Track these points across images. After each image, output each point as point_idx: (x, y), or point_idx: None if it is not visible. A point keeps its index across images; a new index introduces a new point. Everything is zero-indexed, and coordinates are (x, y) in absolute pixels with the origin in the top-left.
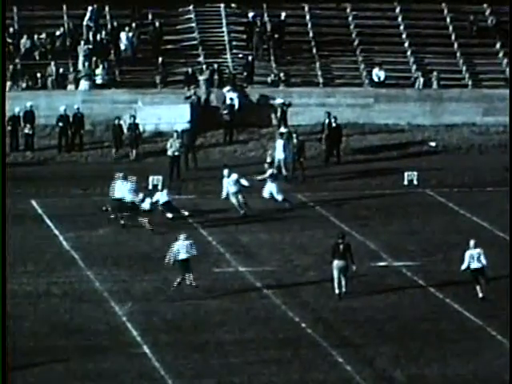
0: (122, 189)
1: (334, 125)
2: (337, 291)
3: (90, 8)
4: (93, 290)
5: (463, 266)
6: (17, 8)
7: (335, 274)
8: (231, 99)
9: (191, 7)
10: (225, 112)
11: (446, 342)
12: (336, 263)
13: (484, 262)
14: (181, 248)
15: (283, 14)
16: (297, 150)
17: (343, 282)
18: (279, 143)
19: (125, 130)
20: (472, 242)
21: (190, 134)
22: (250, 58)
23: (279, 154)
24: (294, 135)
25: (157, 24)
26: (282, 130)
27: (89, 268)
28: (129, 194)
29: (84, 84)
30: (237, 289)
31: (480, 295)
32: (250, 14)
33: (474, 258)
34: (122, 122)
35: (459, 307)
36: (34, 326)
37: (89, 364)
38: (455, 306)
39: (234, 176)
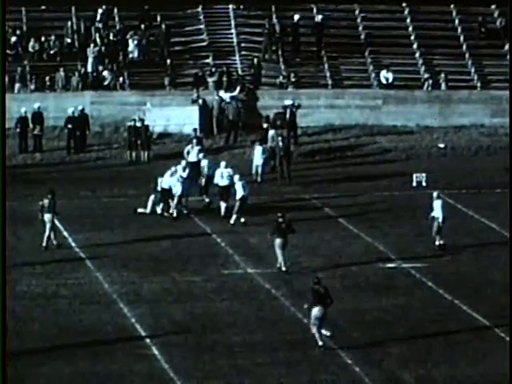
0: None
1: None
2: (280, 265)
3: (100, 10)
4: (102, 292)
5: (433, 215)
6: (25, 10)
7: (278, 250)
8: (237, 101)
9: (200, 9)
10: (231, 114)
11: (455, 343)
12: (278, 241)
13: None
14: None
15: (296, 17)
16: (284, 153)
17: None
18: (257, 150)
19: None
20: (435, 194)
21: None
22: (256, 60)
23: (257, 161)
24: (280, 138)
25: (165, 25)
26: (270, 132)
27: (97, 269)
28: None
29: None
30: (246, 290)
31: (441, 242)
32: (296, 17)
33: (438, 207)
34: (137, 123)
35: (468, 308)
36: (43, 327)
37: (98, 365)
38: (464, 308)
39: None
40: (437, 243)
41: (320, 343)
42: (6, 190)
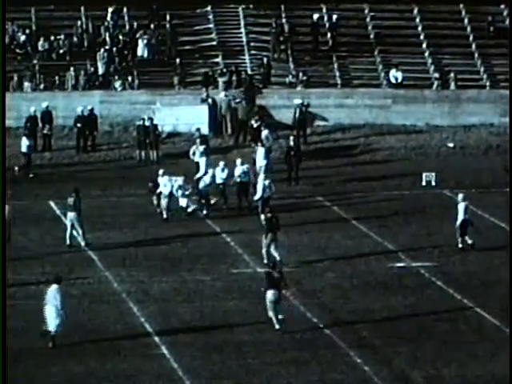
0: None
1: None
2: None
3: (110, 9)
4: (111, 291)
5: (459, 220)
6: (34, 9)
7: (265, 247)
8: (247, 100)
9: (209, 8)
10: (240, 113)
11: (464, 342)
12: (269, 235)
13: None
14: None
15: (315, 16)
16: (295, 153)
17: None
18: (260, 151)
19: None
20: (460, 196)
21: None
22: (265, 59)
23: (260, 162)
24: (292, 137)
25: (175, 25)
26: (264, 132)
27: (107, 269)
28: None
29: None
30: (255, 290)
31: (469, 242)
32: (315, 16)
33: (466, 209)
34: (146, 122)
35: (477, 308)
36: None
37: (107, 364)
38: (473, 307)
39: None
40: (460, 246)
41: (277, 326)
42: (10, 190)
